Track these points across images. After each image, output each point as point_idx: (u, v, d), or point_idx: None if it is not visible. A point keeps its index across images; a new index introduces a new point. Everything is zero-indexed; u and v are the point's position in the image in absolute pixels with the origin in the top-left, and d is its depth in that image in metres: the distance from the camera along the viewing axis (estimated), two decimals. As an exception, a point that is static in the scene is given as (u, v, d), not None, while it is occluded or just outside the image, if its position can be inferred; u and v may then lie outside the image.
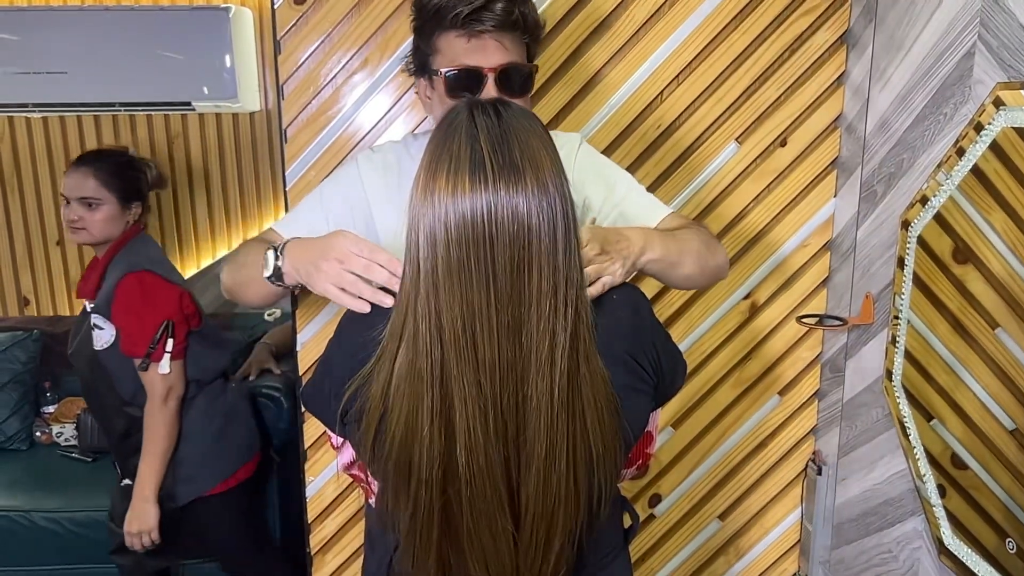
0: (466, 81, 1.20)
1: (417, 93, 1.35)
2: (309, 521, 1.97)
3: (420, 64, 1.28)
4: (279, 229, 1.36)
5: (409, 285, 0.89)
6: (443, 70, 1.21)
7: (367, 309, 1.02)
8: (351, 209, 1.34)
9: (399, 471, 0.91)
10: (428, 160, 0.88)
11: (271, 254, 1.17)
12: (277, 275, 1.16)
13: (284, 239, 1.22)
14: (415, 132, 1.39)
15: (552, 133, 1.39)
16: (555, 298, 0.86)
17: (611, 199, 1.34)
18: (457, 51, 1.20)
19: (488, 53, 1.19)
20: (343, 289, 1.04)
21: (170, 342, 1.97)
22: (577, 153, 1.35)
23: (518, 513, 0.92)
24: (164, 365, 1.96)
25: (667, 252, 1.17)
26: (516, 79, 1.21)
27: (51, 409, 2.94)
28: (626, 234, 1.12)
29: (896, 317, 1.56)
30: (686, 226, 1.31)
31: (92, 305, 2.03)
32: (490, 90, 1.19)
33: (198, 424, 2.09)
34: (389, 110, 1.78)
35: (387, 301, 1.00)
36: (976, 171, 1.31)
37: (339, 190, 1.36)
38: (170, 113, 3.03)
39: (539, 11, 1.32)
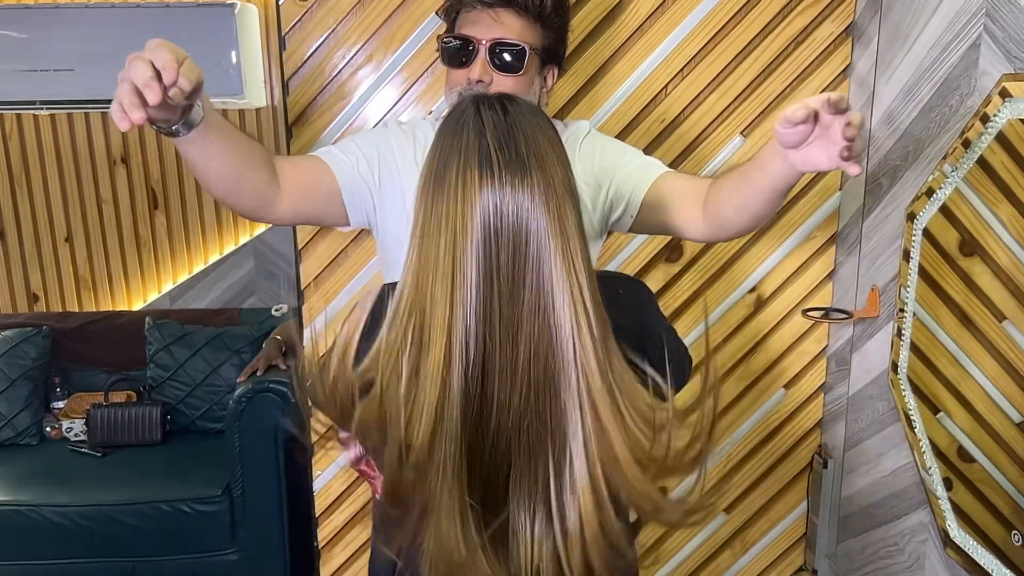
0: (459, 50, 1.24)
1: None
2: (317, 515, 1.98)
3: None
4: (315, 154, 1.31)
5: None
6: (441, 38, 1.25)
7: (122, 124, 0.93)
8: (379, 157, 1.31)
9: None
10: (436, 154, 0.88)
11: None
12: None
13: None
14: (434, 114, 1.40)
15: (563, 121, 1.39)
16: (563, 295, 0.86)
17: (606, 161, 1.33)
18: (461, 24, 1.25)
19: (484, 25, 1.22)
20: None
21: None
22: (582, 141, 1.35)
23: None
24: None
25: None
26: (508, 54, 1.22)
27: (61, 404, 2.94)
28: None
29: (902, 310, 1.56)
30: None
31: None
32: (480, 62, 1.22)
33: None
34: (394, 105, 1.78)
35: (135, 115, 0.92)
36: (982, 163, 1.31)
37: (371, 139, 1.35)
38: (176, 109, 3.04)
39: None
